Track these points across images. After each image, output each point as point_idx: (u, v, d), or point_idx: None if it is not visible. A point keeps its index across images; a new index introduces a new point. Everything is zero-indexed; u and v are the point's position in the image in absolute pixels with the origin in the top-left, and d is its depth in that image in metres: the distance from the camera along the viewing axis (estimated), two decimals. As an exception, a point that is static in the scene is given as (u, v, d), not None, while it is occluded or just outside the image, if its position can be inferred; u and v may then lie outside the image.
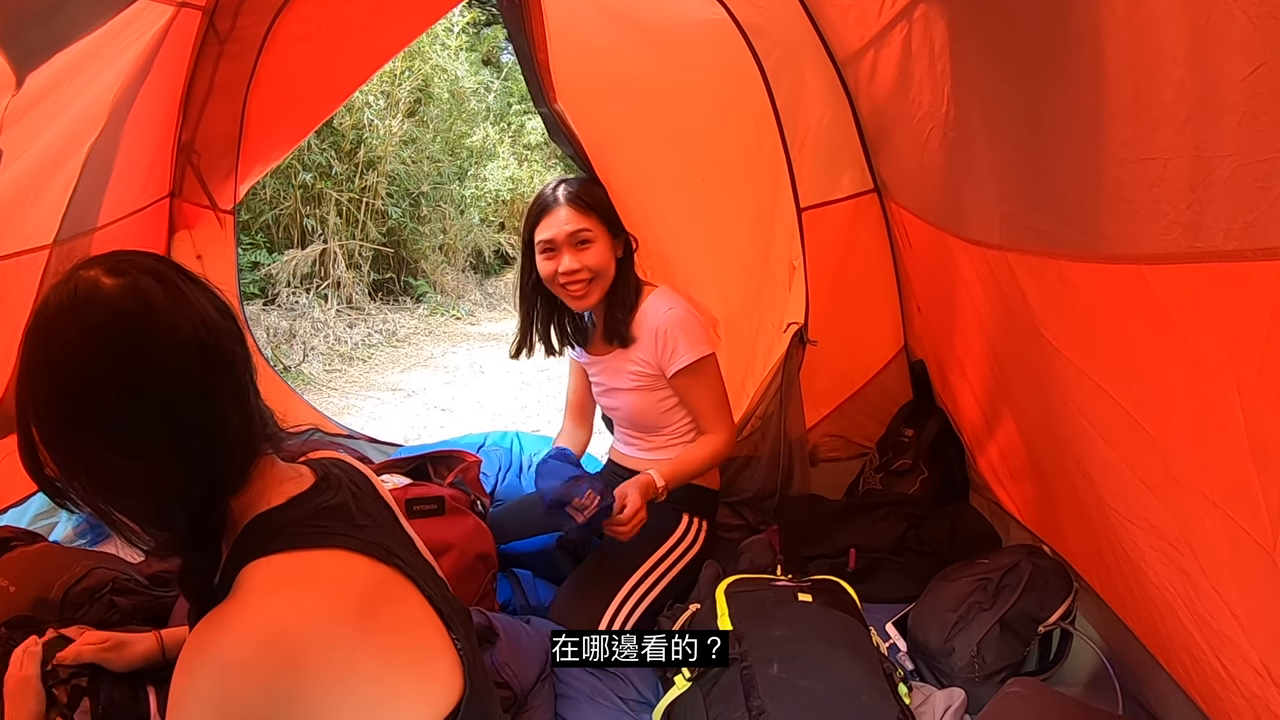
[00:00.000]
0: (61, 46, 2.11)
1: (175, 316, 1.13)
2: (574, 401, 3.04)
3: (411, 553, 1.40)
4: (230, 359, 1.19)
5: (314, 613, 1.12)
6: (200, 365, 1.14)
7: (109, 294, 1.11)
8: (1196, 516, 1.39)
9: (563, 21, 2.68)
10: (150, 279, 1.13)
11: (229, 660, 1.05)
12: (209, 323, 1.17)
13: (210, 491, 1.18)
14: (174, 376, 1.12)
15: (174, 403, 1.12)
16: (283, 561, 1.15)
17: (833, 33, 2.85)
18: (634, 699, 2.18)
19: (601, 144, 2.78)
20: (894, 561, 2.63)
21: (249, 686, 1.05)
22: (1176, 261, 1.21)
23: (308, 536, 1.20)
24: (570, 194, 2.54)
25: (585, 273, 2.51)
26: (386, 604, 1.22)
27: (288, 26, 3.30)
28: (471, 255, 11.50)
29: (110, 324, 1.10)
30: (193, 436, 1.14)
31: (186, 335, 1.13)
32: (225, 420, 1.17)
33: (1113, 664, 2.06)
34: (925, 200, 2.53)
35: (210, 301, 1.20)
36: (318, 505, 1.26)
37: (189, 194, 3.56)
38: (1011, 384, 2.29)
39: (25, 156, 2.25)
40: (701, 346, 2.54)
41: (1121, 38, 1.22)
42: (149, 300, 1.12)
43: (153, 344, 1.11)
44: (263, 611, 1.09)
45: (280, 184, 8.47)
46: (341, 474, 1.40)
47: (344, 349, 7.99)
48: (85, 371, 1.09)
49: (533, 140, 12.66)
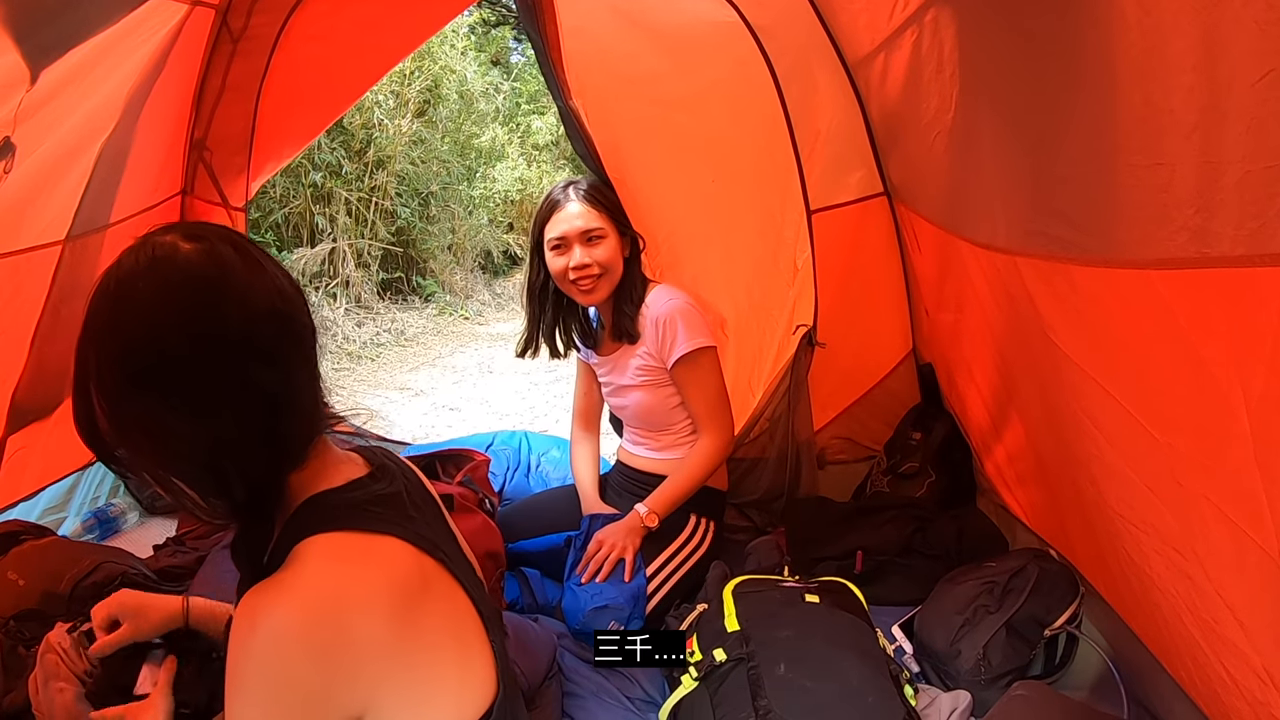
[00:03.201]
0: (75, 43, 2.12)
1: (251, 282, 1.15)
2: (582, 408, 3.05)
3: (456, 551, 1.42)
4: (302, 331, 1.21)
5: (369, 590, 1.13)
6: (274, 332, 1.16)
7: (187, 256, 1.11)
8: (1201, 521, 1.40)
9: (575, 22, 2.70)
10: (228, 246, 1.15)
11: (282, 629, 1.06)
12: (284, 293, 1.19)
13: (272, 462, 1.19)
14: (247, 341, 1.13)
15: (245, 367, 1.12)
16: (340, 539, 1.17)
17: (844, 36, 2.85)
18: (640, 698, 2.19)
19: (614, 143, 2.79)
20: (901, 564, 2.63)
21: (301, 655, 1.07)
22: (1184, 267, 1.22)
23: (364, 520, 1.21)
24: (581, 192, 2.58)
25: (595, 268, 2.53)
26: (433, 597, 1.24)
27: (301, 26, 3.32)
28: (480, 255, 11.51)
29: (188, 284, 1.11)
30: (260, 404, 1.14)
31: (262, 302, 1.15)
32: (295, 390, 1.19)
33: (1118, 668, 2.06)
34: (935, 204, 2.54)
35: (283, 274, 1.22)
36: (374, 492, 1.28)
37: (201, 191, 3.58)
38: (1019, 388, 2.30)
39: (39, 152, 2.26)
40: (700, 338, 2.54)
41: (1131, 43, 1.23)
42: (227, 265, 1.13)
43: (229, 307, 1.12)
44: (318, 583, 1.11)
45: (290, 183, 8.48)
46: (394, 466, 1.41)
47: (352, 348, 8.01)
48: (157, 329, 1.09)
49: (541, 141, 12.66)
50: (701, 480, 2.61)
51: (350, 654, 1.10)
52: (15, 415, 2.74)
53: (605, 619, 2.28)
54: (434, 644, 1.22)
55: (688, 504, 2.60)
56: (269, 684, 1.07)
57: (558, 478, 3.41)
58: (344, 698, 1.11)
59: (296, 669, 1.07)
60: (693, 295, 2.68)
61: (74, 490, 3.20)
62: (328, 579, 1.12)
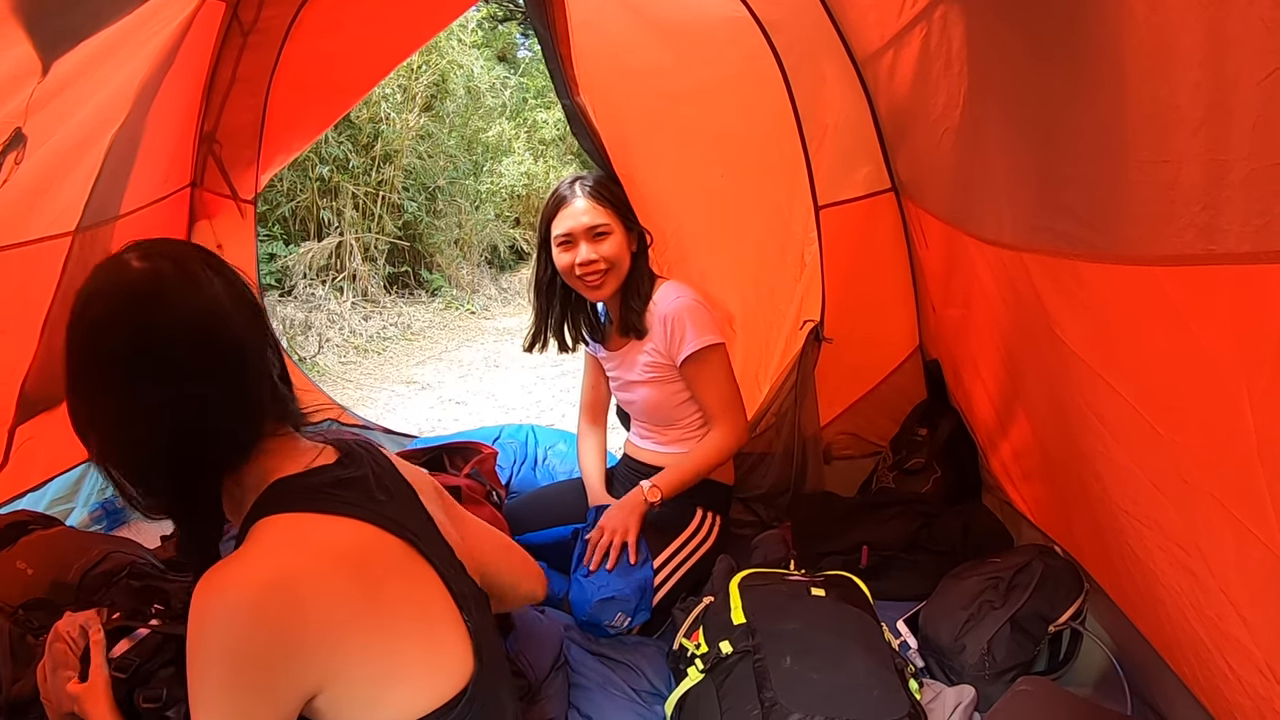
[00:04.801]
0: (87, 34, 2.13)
1: (181, 301, 1.24)
2: (589, 401, 3.05)
3: (430, 531, 1.44)
4: (237, 346, 1.29)
5: (321, 564, 1.19)
6: (199, 347, 1.24)
7: (132, 274, 1.23)
8: (1205, 518, 1.40)
9: (585, 16, 2.71)
10: (170, 264, 1.26)
11: (235, 602, 1.11)
12: (215, 311, 1.27)
13: (197, 467, 1.28)
14: (170, 356, 1.22)
15: (167, 377, 1.22)
16: (294, 519, 1.23)
17: (852, 32, 2.85)
18: (646, 690, 2.20)
19: (621, 138, 2.80)
20: (906, 559, 2.63)
21: (254, 627, 1.11)
22: (1190, 263, 1.22)
23: (322, 501, 1.26)
24: (588, 188, 2.57)
25: (601, 263, 2.53)
26: (396, 576, 1.28)
27: (311, 19, 3.33)
28: (486, 250, 11.51)
29: (124, 300, 1.23)
30: (182, 413, 1.24)
31: (187, 319, 1.24)
32: (220, 401, 1.26)
33: (1122, 664, 2.07)
34: (942, 200, 2.54)
35: (229, 292, 1.30)
36: (335, 476, 1.33)
37: (210, 183, 3.60)
38: (1025, 384, 2.30)
39: (49, 143, 2.27)
40: (708, 335, 2.54)
41: (1139, 40, 1.23)
42: (161, 283, 1.24)
43: (155, 322, 1.22)
44: (270, 558, 1.17)
45: (297, 176, 8.50)
46: (364, 452, 1.45)
47: (359, 341, 8.02)
48: (97, 338, 1.23)
49: (548, 136, 12.66)
50: (711, 468, 2.61)
51: (303, 625, 1.13)
52: (24, 405, 2.76)
53: (612, 611, 2.29)
54: (395, 620, 1.26)
55: (694, 498, 2.61)
56: (224, 657, 1.11)
57: (564, 471, 3.42)
58: (299, 669, 1.15)
59: (250, 641, 1.11)
60: (700, 291, 2.68)
61: (82, 481, 3.21)
62: (280, 553, 1.18)
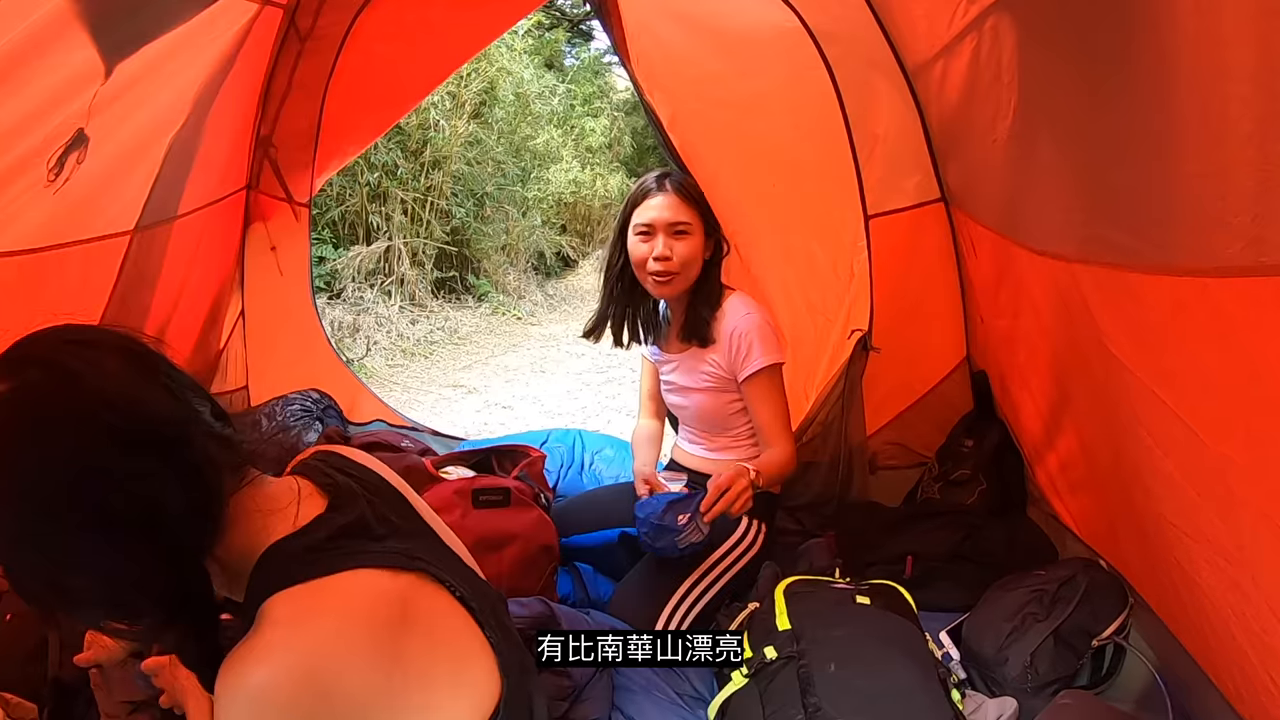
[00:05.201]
0: (150, 39, 2.19)
1: (70, 408, 1.02)
2: (649, 393, 3.08)
3: (435, 548, 1.36)
4: (158, 419, 1.08)
5: (345, 642, 1.08)
6: (116, 448, 1.03)
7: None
8: (1252, 531, 1.40)
9: (640, 22, 2.75)
10: (36, 370, 1.02)
11: (264, 699, 1.01)
12: (114, 395, 1.04)
13: (177, 564, 1.11)
14: (89, 476, 1.02)
15: (100, 499, 1.02)
16: (306, 591, 1.10)
17: (903, 42, 2.86)
18: (690, 694, 2.21)
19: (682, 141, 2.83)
20: (950, 570, 2.63)
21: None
22: (1240, 275, 1.22)
23: (328, 561, 1.14)
24: (676, 184, 2.59)
25: (675, 262, 2.55)
26: (416, 617, 1.18)
27: (367, 27, 3.39)
28: (533, 256, 11.57)
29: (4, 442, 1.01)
30: (138, 523, 1.04)
31: (86, 425, 1.02)
32: (169, 489, 1.06)
33: (1165, 680, 2.04)
34: (992, 210, 2.53)
35: (115, 361, 1.09)
36: (335, 525, 1.20)
37: (265, 186, 3.68)
38: (1073, 396, 2.29)
39: (111, 144, 2.32)
40: (774, 354, 2.57)
41: (1189, 52, 1.23)
42: (37, 399, 1.02)
43: (52, 449, 1.01)
44: (295, 645, 1.05)
45: (347, 181, 8.59)
46: (351, 481, 1.32)
47: (406, 345, 8.09)
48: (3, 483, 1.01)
49: (595, 144, 12.73)
50: (783, 476, 2.66)
51: (335, 710, 1.05)
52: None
53: (674, 515, 2.29)
54: (423, 670, 1.17)
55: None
56: None
57: (610, 476, 3.45)
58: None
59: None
60: (765, 307, 2.71)
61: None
62: (303, 640, 1.06)
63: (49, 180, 2.13)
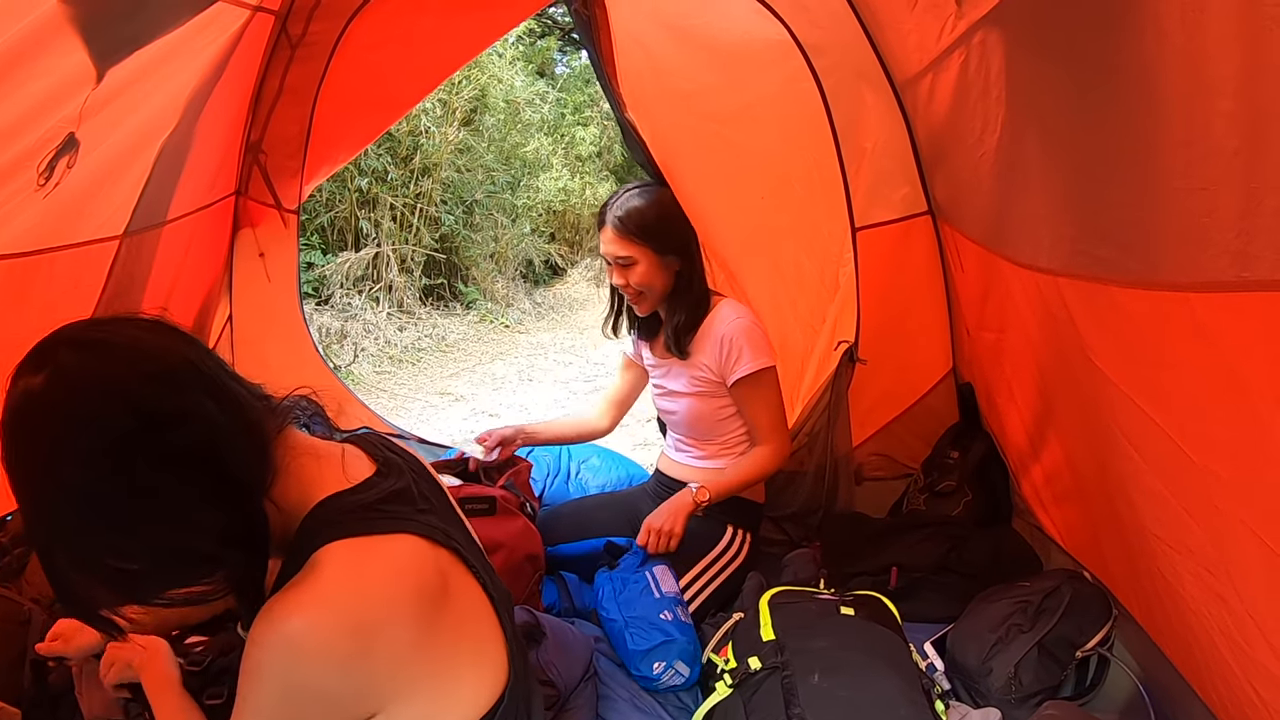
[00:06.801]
0: (142, 44, 2.19)
1: (101, 370, 1.07)
2: (613, 396, 3.13)
3: (466, 536, 1.43)
4: (186, 365, 1.13)
5: (392, 600, 1.13)
6: (158, 396, 1.08)
7: (40, 393, 1.03)
8: (1235, 543, 1.40)
9: (629, 35, 2.74)
10: (66, 350, 1.06)
11: (306, 642, 1.06)
12: (137, 352, 1.11)
13: (238, 501, 1.14)
14: (142, 424, 1.06)
15: (156, 449, 1.07)
16: (358, 545, 1.15)
17: (892, 55, 2.87)
18: (674, 704, 2.21)
19: (664, 156, 2.83)
20: (935, 581, 2.64)
21: (321, 665, 1.07)
22: (1225, 289, 1.23)
23: (379, 521, 1.20)
24: (614, 218, 2.60)
25: (632, 288, 2.60)
26: (451, 593, 1.24)
27: (359, 34, 3.38)
28: (522, 264, 11.56)
29: (50, 417, 1.05)
30: (194, 462, 1.09)
31: (120, 383, 1.07)
32: (217, 428, 1.12)
33: (1149, 691, 2.05)
34: (979, 223, 2.54)
35: (134, 329, 1.16)
36: (385, 489, 1.27)
37: (254, 192, 3.66)
38: (1058, 408, 2.30)
39: (101, 148, 2.31)
40: (764, 358, 2.59)
41: (1176, 69, 1.24)
42: (72, 375, 1.05)
43: (100, 412, 1.05)
44: (340, 593, 1.10)
45: (336, 187, 8.58)
46: (399, 458, 1.41)
47: (394, 351, 8.08)
48: (72, 470, 1.05)
49: (585, 152, 12.75)
50: (754, 481, 2.67)
51: (371, 668, 1.10)
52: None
53: (650, 662, 2.24)
54: (453, 641, 1.23)
55: (725, 515, 2.63)
56: (285, 691, 1.08)
57: (597, 485, 3.44)
58: (360, 705, 1.13)
59: (315, 678, 1.07)
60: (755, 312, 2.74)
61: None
62: (349, 589, 1.11)
63: (39, 184, 2.11)
